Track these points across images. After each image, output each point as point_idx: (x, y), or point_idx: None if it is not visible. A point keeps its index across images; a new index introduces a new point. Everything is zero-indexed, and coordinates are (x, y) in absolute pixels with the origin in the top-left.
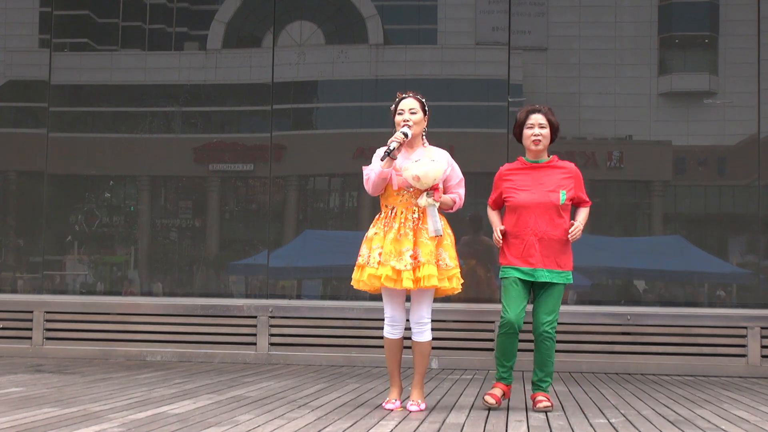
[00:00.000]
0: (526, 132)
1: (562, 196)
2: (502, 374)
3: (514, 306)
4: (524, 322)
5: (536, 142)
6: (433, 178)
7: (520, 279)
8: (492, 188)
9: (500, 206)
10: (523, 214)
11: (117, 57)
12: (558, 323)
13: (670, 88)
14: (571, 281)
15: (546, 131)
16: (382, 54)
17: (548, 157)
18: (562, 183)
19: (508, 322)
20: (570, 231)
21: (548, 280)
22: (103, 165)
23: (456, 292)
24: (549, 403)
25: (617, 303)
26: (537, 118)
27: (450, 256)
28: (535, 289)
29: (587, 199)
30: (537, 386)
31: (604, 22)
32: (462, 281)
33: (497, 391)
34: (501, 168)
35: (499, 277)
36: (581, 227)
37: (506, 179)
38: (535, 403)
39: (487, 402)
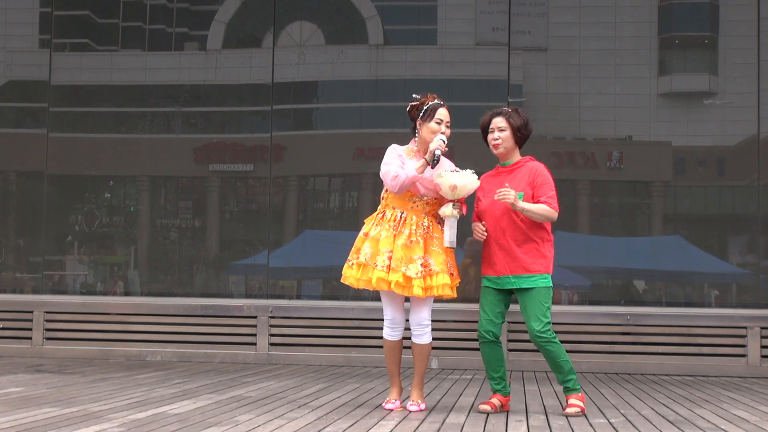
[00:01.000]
0: (489, 136)
1: (519, 198)
2: (495, 386)
3: (484, 314)
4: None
5: (495, 146)
6: (468, 191)
7: (490, 287)
8: None
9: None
10: (487, 220)
11: (117, 57)
12: (558, 323)
13: (670, 89)
14: (547, 284)
15: (505, 134)
16: (382, 54)
17: (519, 158)
18: (520, 185)
19: (479, 331)
20: (498, 190)
21: (516, 287)
22: (103, 165)
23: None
24: (578, 408)
25: (617, 303)
26: (496, 122)
27: (454, 266)
28: (516, 296)
29: (549, 201)
30: (566, 388)
31: (604, 23)
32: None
33: (494, 401)
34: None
35: None
36: (512, 194)
37: (480, 189)
38: (565, 406)
39: (482, 410)
